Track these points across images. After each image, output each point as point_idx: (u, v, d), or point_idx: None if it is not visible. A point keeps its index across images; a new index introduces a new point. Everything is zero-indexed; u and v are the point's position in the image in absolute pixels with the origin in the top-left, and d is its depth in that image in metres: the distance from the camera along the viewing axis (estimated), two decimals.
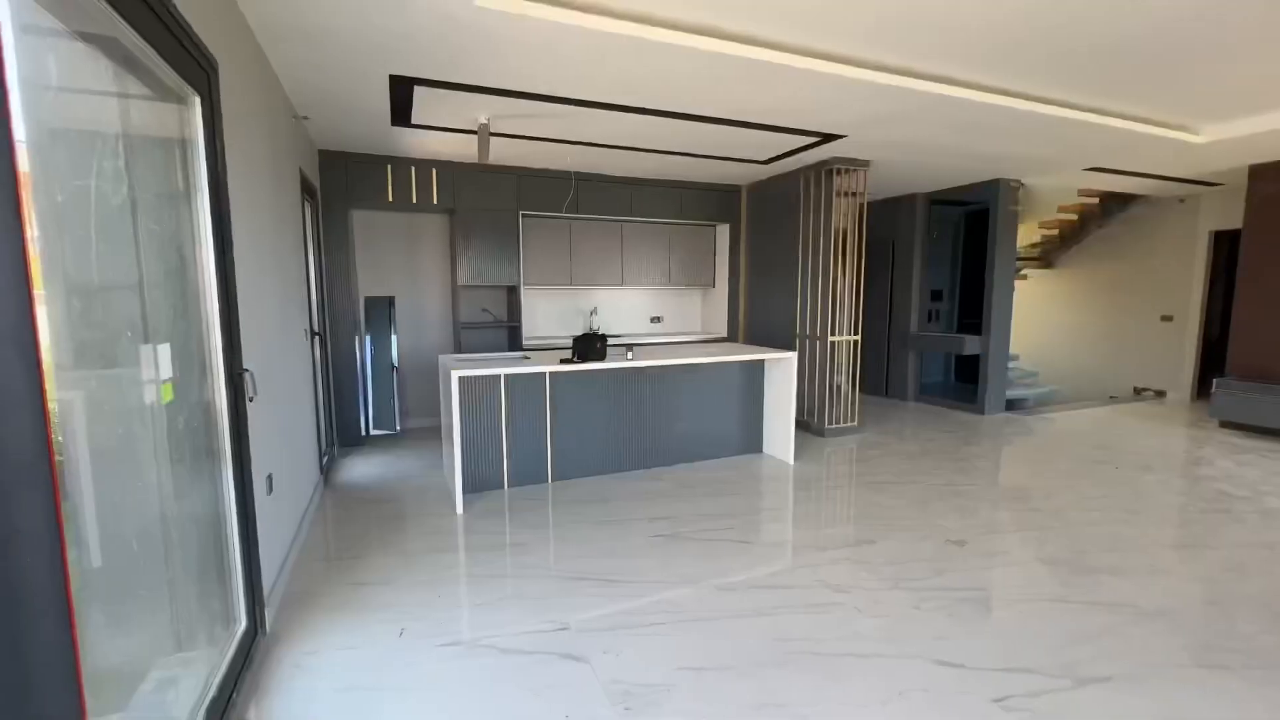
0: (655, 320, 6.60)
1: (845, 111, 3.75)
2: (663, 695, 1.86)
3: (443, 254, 5.62)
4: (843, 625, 2.26)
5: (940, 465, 4.35)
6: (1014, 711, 1.79)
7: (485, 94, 3.40)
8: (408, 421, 5.60)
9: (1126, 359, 7.39)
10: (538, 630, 2.23)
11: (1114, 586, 2.56)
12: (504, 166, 5.22)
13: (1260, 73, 3.31)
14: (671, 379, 4.31)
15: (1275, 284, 5.14)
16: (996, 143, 4.50)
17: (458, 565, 2.79)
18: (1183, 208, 6.81)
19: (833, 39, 2.87)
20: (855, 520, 3.35)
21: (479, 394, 3.73)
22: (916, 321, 6.78)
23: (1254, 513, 3.42)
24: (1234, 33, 2.79)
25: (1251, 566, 2.75)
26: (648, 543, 3.01)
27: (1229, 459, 4.51)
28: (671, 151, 4.80)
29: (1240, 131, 4.28)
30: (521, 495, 3.74)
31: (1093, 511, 3.44)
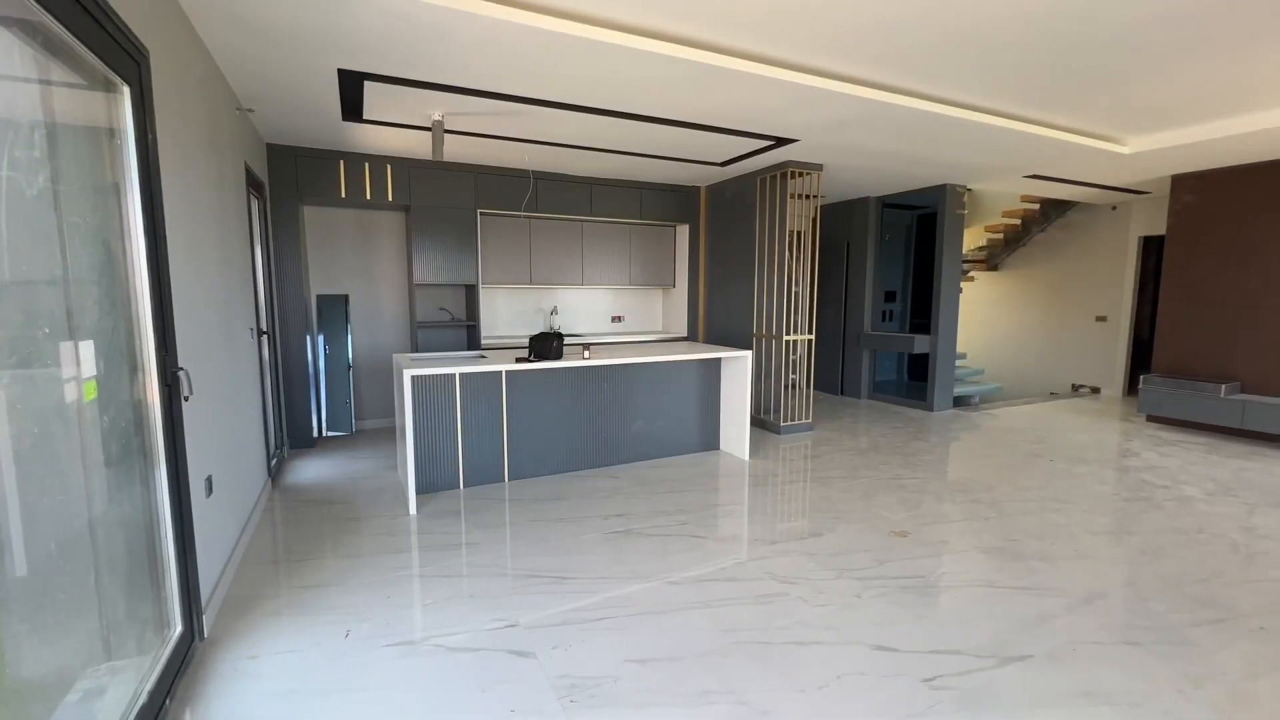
0: (616, 320, 6.63)
1: (796, 116, 3.85)
2: (608, 687, 1.89)
3: (399, 252, 5.52)
4: (787, 614, 2.34)
5: (888, 460, 4.50)
6: (941, 690, 1.89)
7: (438, 90, 3.38)
8: (363, 422, 5.50)
9: (1065, 357, 7.77)
10: (487, 628, 2.23)
11: (1042, 571, 2.71)
12: (461, 164, 5.17)
13: (1179, 90, 3.54)
14: (629, 378, 4.35)
15: (1196, 287, 5.49)
16: (942, 149, 4.68)
17: (408, 566, 2.76)
18: (1115, 214, 7.20)
19: (783, 46, 2.95)
20: (805, 514, 3.45)
21: (433, 393, 3.70)
22: (870, 321, 6.98)
23: (1171, 500, 3.66)
24: (1154, 52, 2.98)
25: (1166, 550, 2.94)
26: (601, 539, 3.03)
27: (1153, 451, 4.81)
28: (630, 152, 4.84)
29: (1162, 144, 4.57)
30: (477, 495, 3.71)
31: (1028, 502, 3.62)
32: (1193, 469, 4.31)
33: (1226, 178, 5.25)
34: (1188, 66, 3.18)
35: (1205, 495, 3.75)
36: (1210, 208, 5.37)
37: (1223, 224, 5.30)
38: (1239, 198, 5.19)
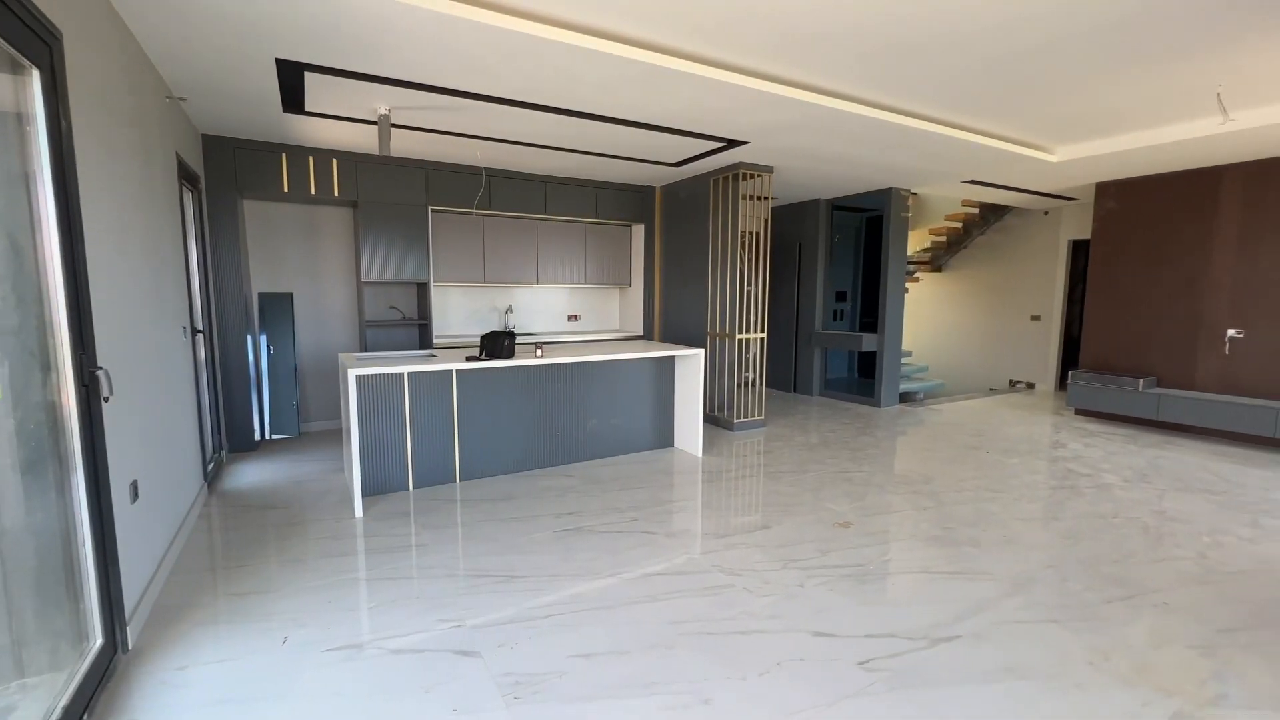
0: (572, 319, 6.62)
1: (746, 119, 3.93)
2: (553, 682, 1.90)
3: (346, 249, 5.37)
4: (733, 605, 2.39)
5: (836, 455, 4.65)
6: (874, 672, 1.97)
7: (384, 84, 3.30)
8: (309, 424, 5.33)
9: (1003, 354, 8.17)
10: (432, 629, 2.20)
11: (973, 557, 2.85)
12: (411, 159, 5.07)
13: (1097, 104, 3.78)
14: (583, 376, 4.35)
15: (1117, 288, 5.86)
16: (885, 154, 4.85)
17: (353, 569, 2.70)
18: (1047, 219, 7.61)
19: (732, 50, 3.01)
20: (754, 508, 3.53)
21: (381, 393, 3.62)
22: (821, 320, 7.18)
23: (1093, 487, 3.90)
24: (1072, 68, 3.17)
25: (1085, 534, 3.14)
26: (552, 538, 3.03)
27: (1079, 442, 5.11)
28: (584, 151, 4.84)
29: (1086, 153, 4.86)
30: (427, 496, 3.65)
31: (964, 492, 3.79)
32: (1113, 458, 4.60)
33: (1144, 185, 5.62)
34: (1103, 82, 3.40)
35: (1123, 482, 4.01)
36: (1130, 213, 5.74)
37: (1141, 229, 5.67)
38: (1155, 204, 5.56)
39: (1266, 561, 2.82)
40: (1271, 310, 4.91)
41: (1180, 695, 1.87)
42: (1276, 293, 4.88)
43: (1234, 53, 3.00)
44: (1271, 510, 3.49)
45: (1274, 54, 3.01)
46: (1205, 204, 5.24)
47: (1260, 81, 3.40)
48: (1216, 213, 5.18)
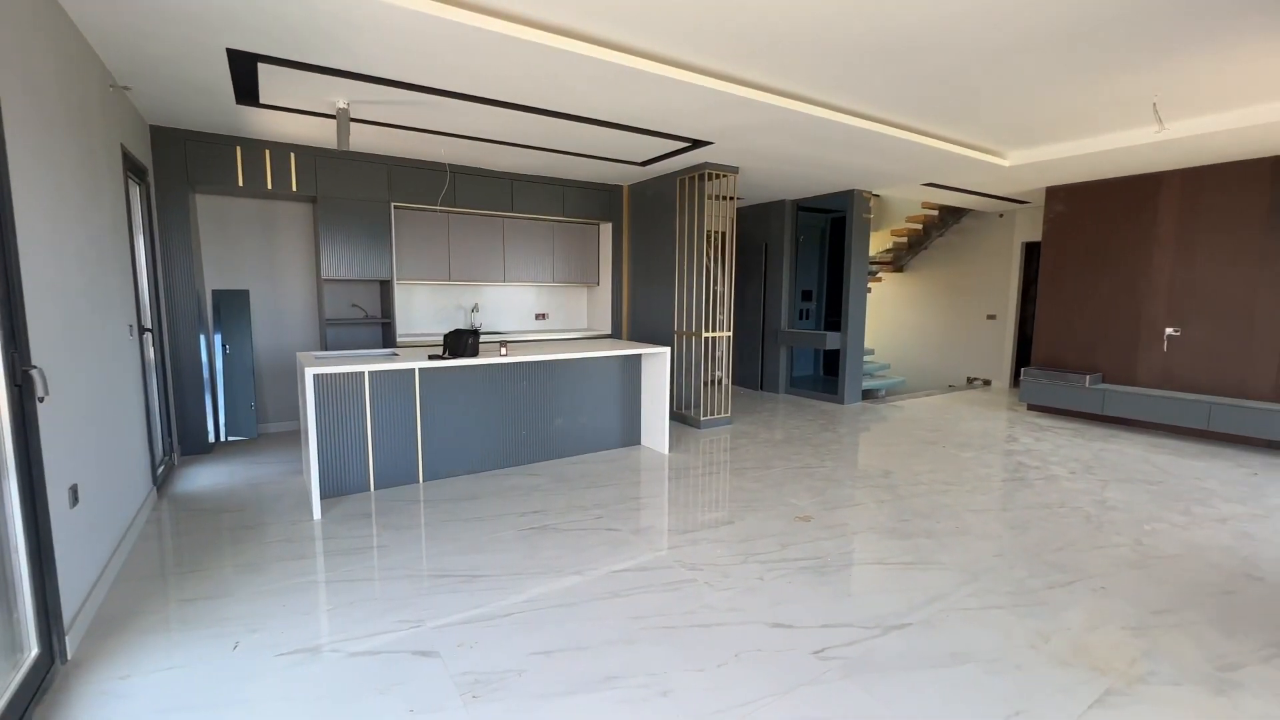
0: (540, 317, 6.58)
1: (710, 120, 3.97)
2: (512, 680, 1.90)
3: (305, 245, 5.24)
4: (693, 600, 2.42)
5: (799, 451, 4.74)
6: (829, 661, 2.02)
7: (342, 77, 3.24)
8: (267, 426, 5.18)
9: (961, 352, 8.43)
10: (391, 630, 2.18)
11: (926, 547, 2.95)
12: (372, 155, 4.98)
13: (1047, 111, 3.93)
14: (549, 375, 4.34)
15: (1066, 288, 6.11)
16: (846, 156, 4.96)
17: (309, 572, 2.65)
18: (1001, 221, 7.88)
19: (696, 51, 3.04)
20: (718, 504, 3.57)
21: (341, 393, 3.55)
22: (787, 319, 7.29)
23: (1041, 479, 4.06)
24: (1023, 76, 3.30)
25: (1032, 523, 3.27)
26: (516, 537, 3.02)
27: (1030, 436, 5.31)
28: (550, 149, 4.82)
29: (1036, 158, 5.05)
30: (388, 497, 3.60)
31: (920, 485, 3.91)
32: (1061, 451, 4.80)
33: (1090, 190, 5.87)
34: (1049, 91, 3.54)
35: (1069, 474, 4.19)
36: (1077, 217, 5.99)
37: (1087, 232, 5.92)
38: (1100, 208, 5.82)
39: (1196, 546, 2.99)
40: (1204, 310, 5.19)
41: (1112, 673, 1.97)
42: (1209, 293, 5.16)
43: (1168, 67, 3.16)
44: (1203, 499, 3.70)
45: (1204, 69, 3.18)
46: (1146, 208, 5.51)
47: (1193, 93, 3.59)
48: (1156, 217, 5.45)
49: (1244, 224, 4.95)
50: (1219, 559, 2.85)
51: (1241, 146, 4.49)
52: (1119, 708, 1.81)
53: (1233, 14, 2.60)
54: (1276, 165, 4.76)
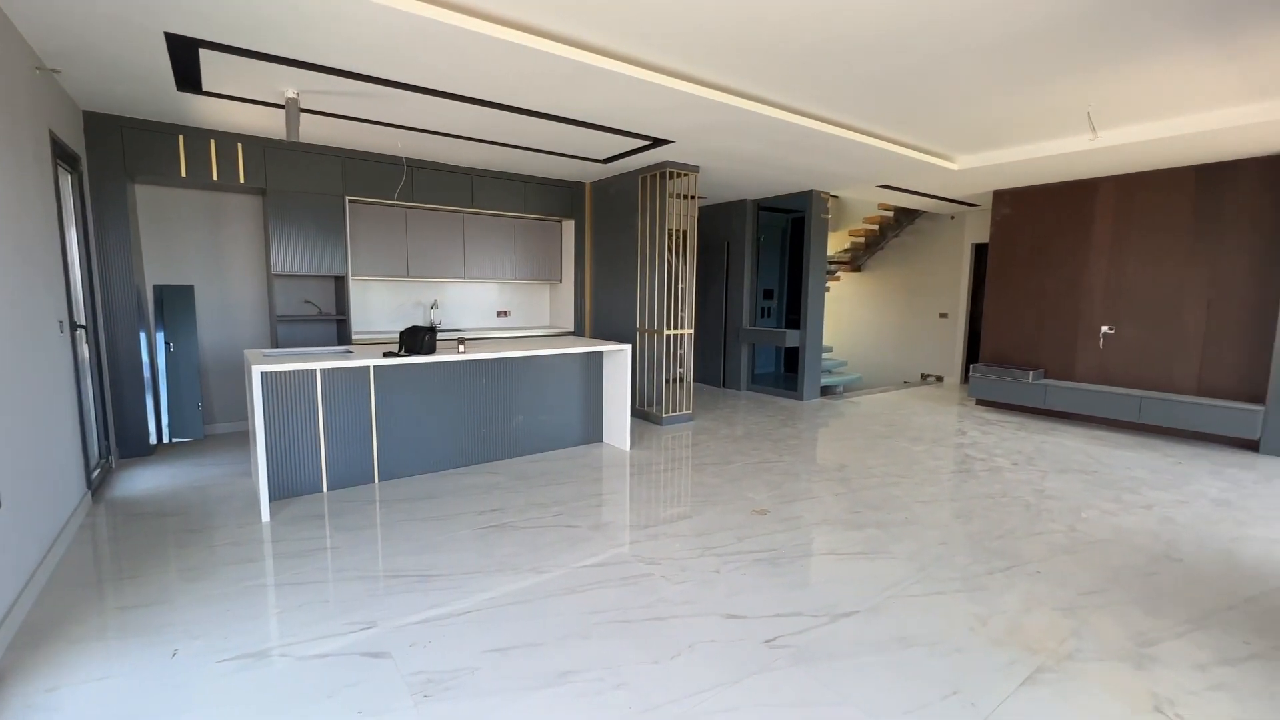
0: (502, 315, 6.52)
1: (669, 119, 4.00)
2: (465, 678, 1.89)
3: (254, 239, 5.06)
4: (650, 593, 2.45)
5: (758, 446, 4.82)
6: (780, 649, 2.08)
7: (290, 66, 3.14)
8: (214, 426, 4.99)
9: (915, 349, 8.71)
10: (341, 633, 2.14)
11: (876, 538, 3.05)
12: (325, 146, 4.84)
13: (990, 117, 4.09)
14: (509, 372, 4.31)
15: (1011, 288, 6.38)
16: (803, 157, 5.07)
17: (257, 576, 2.57)
18: (953, 223, 8.17)
19: (654, 50, 3.06)
20: (677, 499, 3.61)
21: (291, 391, 3.45)
22: (749, 317, 7.40)
23: (986, 470, 4.24)
24: (967, 82, 3.42)
25: (975, 512, 3.42)
26: (473, 535, 3.00)
27: (977, 429, 5.53)
28: (510, 144, 4.77)
29: (983, 162, 5.25)
30: (342, 497, 3.52)
31: (873, 478, 4.03)
32: (1005, 444, 5.02)
33: (1033, 194, 6.14)
34: (992, 98, 3.69)
35: (1012, 465, 4.38)
36: (1021, 220, 6.26)
37: (1031, 234, 6.19)
38: (1042, 212, 6.09)
39: (1124, 531, 3.17)
40: (1135, 309, 5.50)
41: (1043, 652, 2.08)
42: (1139, 293, 5.47)
43: (1100, 78, 3.34)
44: (1132, 487, 3.92)
45: (1133, 81, 3.37)
46: (1083, 212, 5.79)
47: (1123, 104, 3.79)
48: (1092, 220, 5.74)
49: (1171, 228, 5.26)
50: (1144, 543, 3.03)
51: (1168, 155, 4.77)
52: (1047, 684, 1.92)
53: (1158, 31, 2.76)
54: (1200, 173, 5.07)
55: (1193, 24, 2.71)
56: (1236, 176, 4.90)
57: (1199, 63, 3.14)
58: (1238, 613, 2.36)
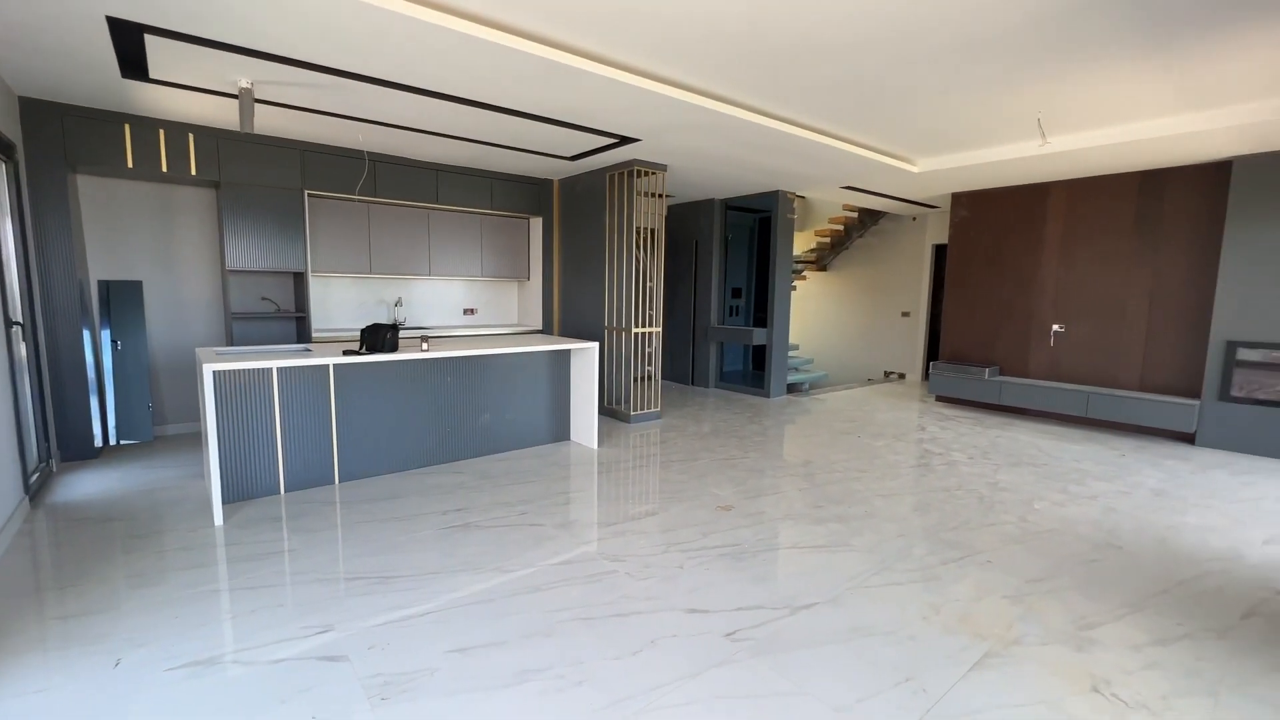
0: (468, 312, 6.44)
1: (636, 117, 4.01)
2: (424, 680, 1.87)
3: (208, 234, 4.89)
4: (613, 590, 2.46)
5: (725, 443, 4.88)
6: (740, 641, 2.11)
7: (244, 55, 3.04)
8: (166, 427, 4.82)
9: (879, 347, 8.92)
10: (296, 637, 2.09)
11: (837, 531, 3.12)
12: (283, 139, 4.71)
13: (948, 122, 4.22)
14: (475, 370, 4.26)
15: (968, 288, 6.58)
16: (768, 158, 5.14)
17: (208, 581, 2.49)
18: (914, 224, 8.39)
19: (621, 48, 3.06)
20: (643, 496, 3.63)
21: (246, 390, 3.35)
22: (717, 315, 7.47)
23: (943, 464, 4.38)
24: (925, 87, 3.52)
25: (932, 505, 3.52)
26: (436, 535, 2.96)
27: (936, 425, 5.70)
28: (476, 140, 4.72)
29: (942, 165, 5.41)
30: (301, 499, 3.43)
31: (835, 473, 4.12)
32: (962, 439, 5.18)
33: (989, 197, 6.34)
34: (949, 103, 3.80)
35: (968, 459, 4.53)
36: (978, 222, 6.46)
37: (988, 236, 6.40)
38: (997, 214, 6.30)
39: (1070, 521, 3.31)
40: (1083, 308, 5.73)
41: (991, 638, 2.16)
42: (1086, 293, 5.71)
43: (1051, 87, 3.47)
44: (1078, 479, 4.09)
45: (1080, 91, 3.51)
46: (1036, 215, 6.01)
47: (1072, 112, 3.95)
48: (1044, 223, 5.96)
49: (1116, 231, 5.50)
50: (1088, 532, 3.17)
51: (1114, 161, 4.98)
52: (995, 668, 1.99)
53: (1102, 44, 2.89)
54: (1143, 179, 5.32)
55: (1133, 39, 2.84)
56: (1175, 183, 5.15)
57: (1140, 75, 3.29)
58: (1170, 596, 2.50)
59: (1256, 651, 2.12)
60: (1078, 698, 1.86)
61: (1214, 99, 3.67)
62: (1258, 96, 3.61)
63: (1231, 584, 2.61)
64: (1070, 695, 1.87)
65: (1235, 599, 2.49)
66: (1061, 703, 1.83)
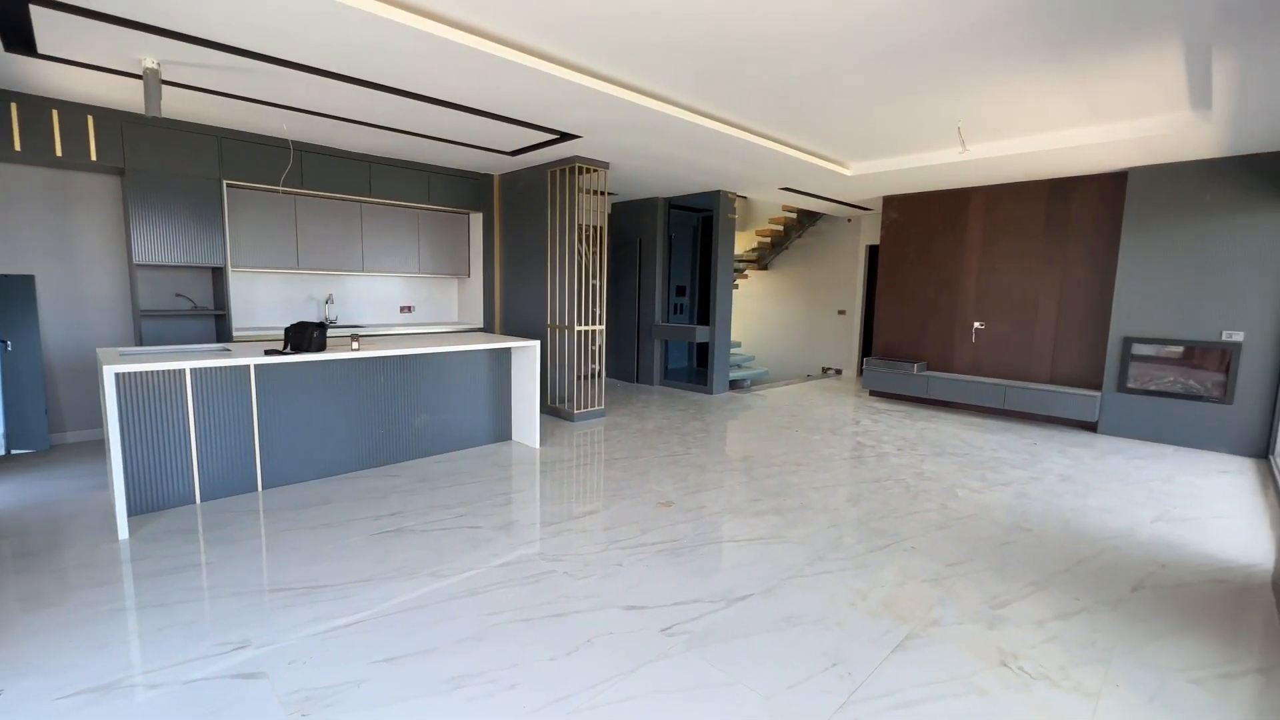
0: (406, 310, 6.23)
1: (574, 113, 3.98)
2: (349, 692, 1.80)
3: (112, 225, 4.53)
4: (552, 590, 2.44)
5: (667, 440, 4.93)
6: (675, 636, 2.14)
7: (147, 32, 2.83)
8: (64, 435, 4.43)
9: (817, 344, 9.22)
10: (209, 655, 1.97)
11: (773, 523, 3.20)
12: (198, 124, 4.41)
13: (876, 128, 4.39)
14: (410, 370, 4.13)
15: (898, 287, 6.89)
16: (707, 158, 5.21)
17: (110, 600, 2.31)
18: (849, 226, 8.71)
19: (557, 43, 3.02)
20: (585, 495, 3.62)
21: (155, 394, 3.12)
22: (661, 313, 7.53)
23: (874, 456, 4.57)
24: (853, 93, 3.65)
25: (863, 496, 3.67)
26: (367, 542, 2.85)
27: (869, 419, 5.94)
28: (411, 132, 4.56)
29: (873, 169, 5.63)
30: (219, 508, 3.23)
31: (773, 467, 4.23)
32: (892, 431, 5.43)
33: (917, 201, 6.66)
34: (876, 109, 3.96)
35: (897, 450, 4.75)
36: (907, 224, 6.77)
37: (916, 237, 6.72)
38: (924, 217, 6.63)
39: (987, 507, 3.52)
40: (1000, 307, 6.11)
41: (912, 621, 2.28)
42: (1005, 292, 6.08)
43: (969, 98, 3.67)
44: (995, 467, 4.37)
45: (996, 102, 3.73)
46: (958, 219, 6.36)
47: (989, 121, 4.20)
48: (966, 226, 6.31)
49: (1029, 235, 5.89)
50: (1002, 516, 3.38)
51: (1026, 169, 5.33)
52: (915, 649, 2.10)
53: (1013, 57, 3.08)
54: (1052, 186, 5.71)
55: (1040, 56, 3.04)
56: (1079, 191, 5.56)
57: (1047, 90, 3.53)
58: (1071, 574, 2.70)
59: (1143, 620, 2.32)
60: (988, 672, 1.98)
61: (1113, 114, 3.98)
62: (1150, 113, 3.94)
63: (1124, 560, 2.85)
64: (981, 670, 1.99)
65: (1127, 573, 2.71)
66: (973, 677, 1.95)
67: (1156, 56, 3.05)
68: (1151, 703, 1.86)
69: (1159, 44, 2.90)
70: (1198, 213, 4.84)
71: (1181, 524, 3.32)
